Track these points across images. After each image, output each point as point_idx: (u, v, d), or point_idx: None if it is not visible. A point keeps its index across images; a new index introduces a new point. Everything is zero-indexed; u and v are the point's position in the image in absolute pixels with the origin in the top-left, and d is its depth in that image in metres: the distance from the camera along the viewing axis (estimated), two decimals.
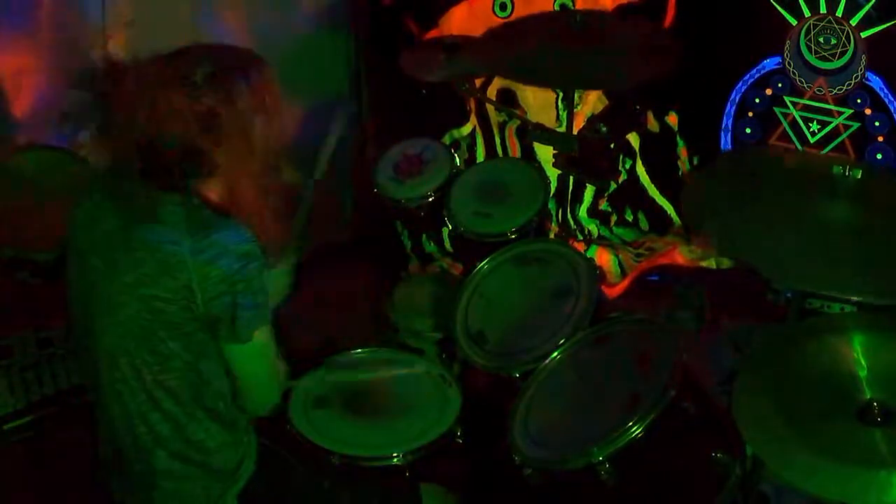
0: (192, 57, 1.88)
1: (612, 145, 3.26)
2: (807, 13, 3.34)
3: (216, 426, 1.99)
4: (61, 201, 2.90)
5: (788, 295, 2.35)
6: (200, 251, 1.82)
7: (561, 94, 3.79)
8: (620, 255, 3.83)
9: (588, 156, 2.87)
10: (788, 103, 3.47)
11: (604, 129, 2.89)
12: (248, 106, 1.86)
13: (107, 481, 2.10)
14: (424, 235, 3.91)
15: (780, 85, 3.46)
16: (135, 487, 2.03)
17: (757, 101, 3.52)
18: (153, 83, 1.83)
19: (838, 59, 3.32)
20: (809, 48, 3.36)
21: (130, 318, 1.88)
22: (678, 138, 3.72)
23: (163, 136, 1.82)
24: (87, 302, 1.94)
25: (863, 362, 1.96)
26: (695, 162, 3.71)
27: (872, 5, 3.21)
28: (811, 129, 3.45)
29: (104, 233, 1.91)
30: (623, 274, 3.80)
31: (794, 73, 3.42)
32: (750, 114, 3.55)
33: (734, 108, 3.56)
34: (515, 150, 3.97)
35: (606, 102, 3.81)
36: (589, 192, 3.90)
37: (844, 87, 3.35)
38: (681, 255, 3.74)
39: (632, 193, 3.84)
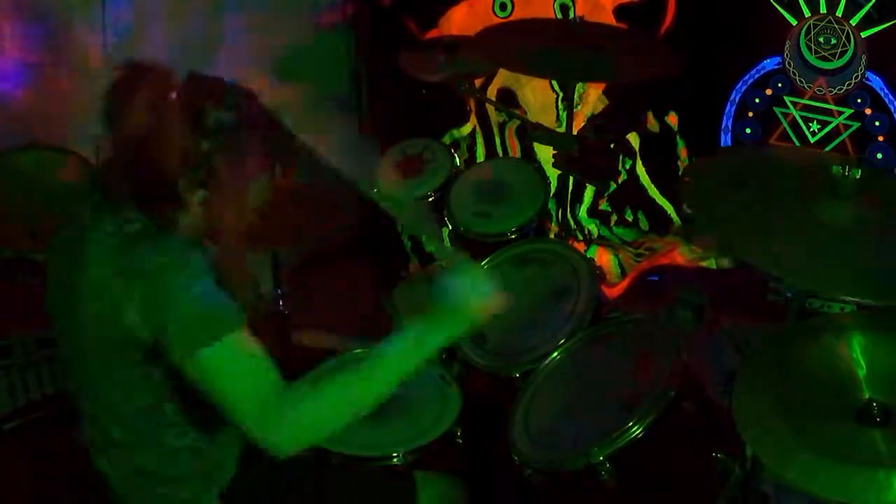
0: (211, 91, 1.79)
1: (612, 145, 3.27)
2: (807, 13, 3.34)
3: (178, 430, 1.92)
4: (61, 201, 2.93)
5: (788, 295, 2.35)
6: (120, 272, 1.74)
7: (561, 94, 3.80)
8: (620, 255, 3.83)
9: (588, 156, 2.87)
10: (788, 103, 3.47)
11: (604, 129, 2.89)
12: (243, 165, 1.78)
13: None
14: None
15: (780, 85, 3.46)
16: (109, 488, 2.01)
17: (757, 101, 3.52)
18: (161, 103, 1.73)
19: (838, 59, 3.32)
20: (809, 48, 3.36)
21: (77, 332, 1.84)
22: (678, 138, 3.72)
23: (144, 158, 1.74)
24: (52, 311, 1.93)
25: (862, 362, 1.96)
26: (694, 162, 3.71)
27: (872, 5, 3.21)
28: (811, 129, 3.45)
29: (62, 246, 1.88)
30: (623, 274, 3.80)
31: (794, 73, 3.42)
32: (750, 114, 3.55)
33: (734, 108, 3.56)
34: (515, 150, 3.97)
35: (606, 102, 3.81)
36: (589, 192, 3.90)
37: (844, 87, 3.35)
38: (681, 255, 3.74)
39: (632, 193, 3.84)
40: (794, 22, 3.37)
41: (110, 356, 1.82)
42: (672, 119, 3.72)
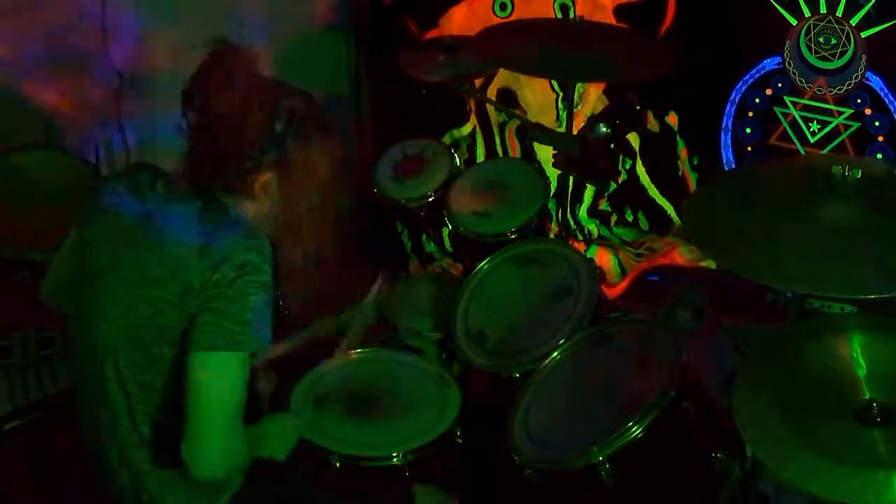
0: (279, 83, 1.92)
1: (612, 145, 3.26)
2: (807, 13, 3.34)
3: None
4: (61, 201, 2.94)
5: (788, 295, 2.35)
6: (207, 255, 1.79)
7: (561, 94, 3.80)
8: (620, 255, 3.83)
9: (588, 156, 2.87)
10: (788, 103, 3.47)
11: (604, 129, 2.89)
12: (311, 153, 1.89)
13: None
14: (424, 235, 3.91)
15: (780, 85, 3.46)
16: (117, 496, 2.01)
17: (757, 101, 3.52)
18: (249, 80, 1.85)
19: (838, 59, 3.32)
20: (809, 48, 3.36)
21: (125, 316, 1.85)
22: (678, 138, 3.72)
23: (221, 140, 1.83)
24: (87, 294, 1.92)
25: (862, 362, 1.96)
26: (695, 162, 3.71)
27: (872, 5, 3.21)
28: (811, 129, 3.45)
29: (118, 226, 1.89)
30: (623, 274, 3.80)
31: (794, 73, 3.42)
32: (750, 114, 3.55)
33: (734, 108, 3.56)
34: (515, 150, 3.97)
35: (606, 102, 3.81)
36: (589, 192, 3.90)
37: (844, 87, 3.35)
38: (681, 255, 3.74)
39: (632, 193, 3.84)
40: (794, 22, 3.37)
41: (160, 345, 1.84)
42: (672, 119, 3.71)
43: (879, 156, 3.34)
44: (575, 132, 3.14)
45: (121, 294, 1.86)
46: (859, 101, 3.33)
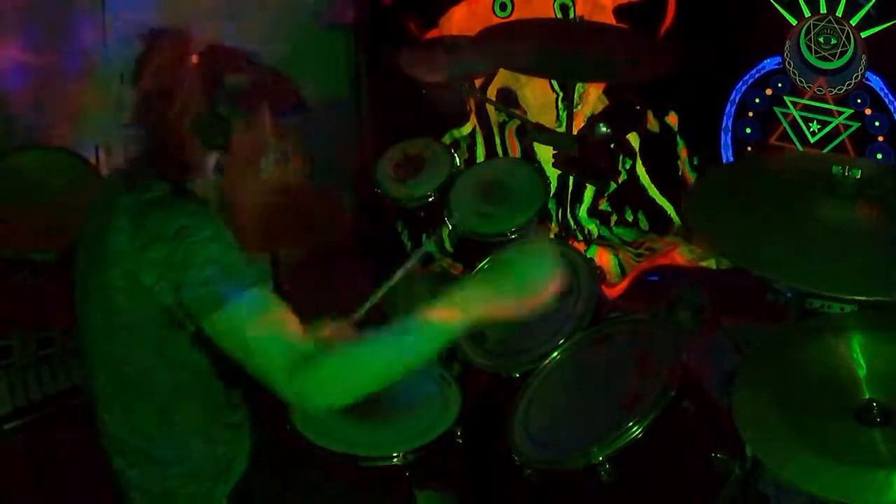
0: (230, 59, 1.86)
1: (612, 145, 3.27)
2: (807, 13, 3.34)
3: (187, 425, 1.94)
4: (61, 201, 2.94)
5: (788, 295, 2.35)
6: (135, 236, 1.76)
7: (561, 94, 3.80)
8: (620, 255, 3.83)
9: (588, 156, 2.87)
10: (788, 103, 3.47)
11: (604, 128, 2.89)
12: (258, 131, 1.83)
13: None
14: (424, 235, 3.91)
15: (780, 85, 3.46)
16: (118, 483, 2.01)
17: (757, 101, 3.52)
18: (177, 66, 1.80)
19: (838, 59, 3.32)
20: (809, 48, 3.36)
21: (94, 310, 1.86)
22: (678, 138, 3.72)
23: (156, 119, 1.80)
24: (78, 294, 1.94)
25: (862, 362, 1.96)
26: (695, 162, 3.71)
27: (872, 5, 3.21)
28: (811, 129, 3.45)
29: (94, 225, 1.89)
30: (623, 274, 3.80)
31: (794, 73, 3.42)
32: (750, 114, 3.55)
33: (734, 108, 3.57)
34: (515, 150, 3.97)
35: (606, 102, 3.81)
36: (589, 192, 3.90)
37: (844, 87, 3.35)
38: (681, 255, 3.74)
39: (632, 193, 3.85)
40: (794, 22, 3.37)
41: (135, 332, 1.83)
42: (672, 119, 3.72)
43: (879, 156, 3.34)
44: (575, 132, 3.14)
45: (91, 289, 1.86)
46: (859, 101, 3.34)
